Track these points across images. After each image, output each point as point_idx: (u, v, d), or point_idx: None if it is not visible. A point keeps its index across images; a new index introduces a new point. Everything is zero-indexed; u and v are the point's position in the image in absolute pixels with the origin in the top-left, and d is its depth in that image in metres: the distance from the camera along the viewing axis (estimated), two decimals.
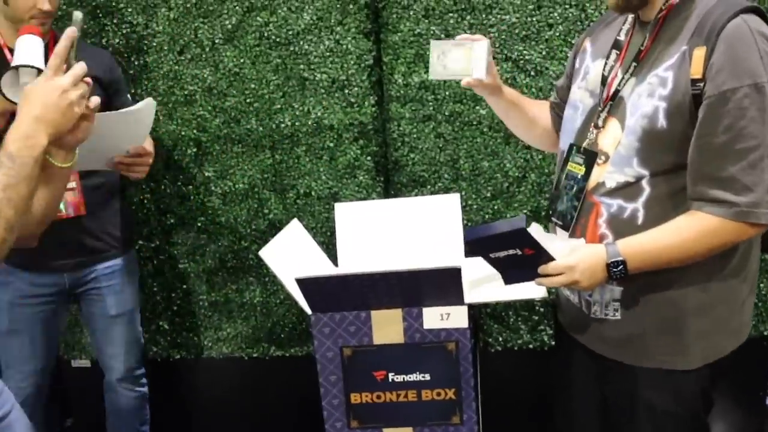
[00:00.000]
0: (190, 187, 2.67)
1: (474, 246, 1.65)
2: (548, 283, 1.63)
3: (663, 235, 1.53)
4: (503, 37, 2.43)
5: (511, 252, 1.60)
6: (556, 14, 2.39)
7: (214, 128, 2.59)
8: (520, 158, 2.50)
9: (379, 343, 1.92)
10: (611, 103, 1.62)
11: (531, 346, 2.64)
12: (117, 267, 2.45)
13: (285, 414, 2.86)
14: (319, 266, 2.29)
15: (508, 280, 1.70)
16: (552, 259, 1.59)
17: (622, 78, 1.61)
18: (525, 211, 2.52)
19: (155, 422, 2.77)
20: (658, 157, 1.53)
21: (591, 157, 1.64)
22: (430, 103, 2.49)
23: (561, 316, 1.90)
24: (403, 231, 2.36)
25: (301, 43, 2.50)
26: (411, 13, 2.45)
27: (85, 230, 2.35)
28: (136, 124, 2.12)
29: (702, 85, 1.47)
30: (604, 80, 1.67)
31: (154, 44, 2.57)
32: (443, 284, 1.81)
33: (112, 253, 2.43)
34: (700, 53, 1.46)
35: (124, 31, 2.58)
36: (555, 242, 1.63)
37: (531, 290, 1.93)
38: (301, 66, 2.51)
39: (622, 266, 1.55)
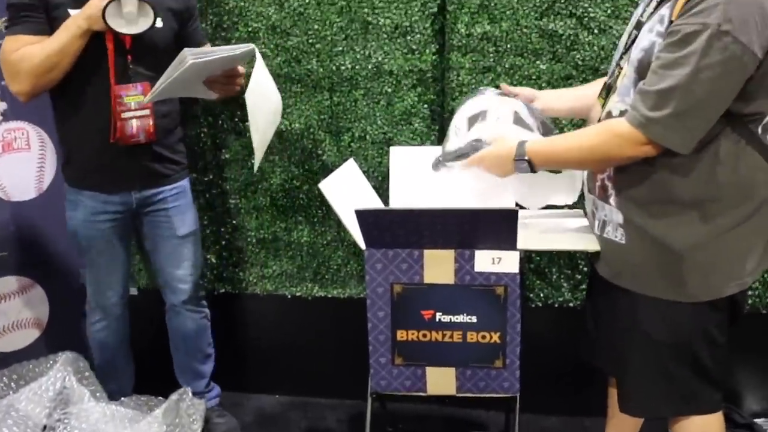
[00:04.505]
0: (247, 123, 2.69)
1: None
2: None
3: (568, 138, 1.80)
4: None
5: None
6: None
7: (274, 66, 2.61)
8: None
9: (429, 283, 1.95)
10: (632, 44, 1.74)
11: (572, 304, 2.66)
12: (182, 188, 2.53)
13: (325, 352, 2.91)
14: (372, 205, 2.32)
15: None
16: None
17: (644, 12, 1.74)
18: None
19: None
20: None
21: (608, 92, 1.82)
22: (491, 55, 2.49)
23: None
24: (456, 179, 2.38)
25: None
26: None
27: (154, 154, 2.40)
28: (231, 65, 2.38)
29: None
30: (639, 24, 1.75)
31: None
32: (499, 226, 1.83)
33: (178, 175, 2.50)
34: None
35: None
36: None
37: (584, 242, 1.95)
38: (365, 9, 2.52)
39: (526, 164, 1.82)
